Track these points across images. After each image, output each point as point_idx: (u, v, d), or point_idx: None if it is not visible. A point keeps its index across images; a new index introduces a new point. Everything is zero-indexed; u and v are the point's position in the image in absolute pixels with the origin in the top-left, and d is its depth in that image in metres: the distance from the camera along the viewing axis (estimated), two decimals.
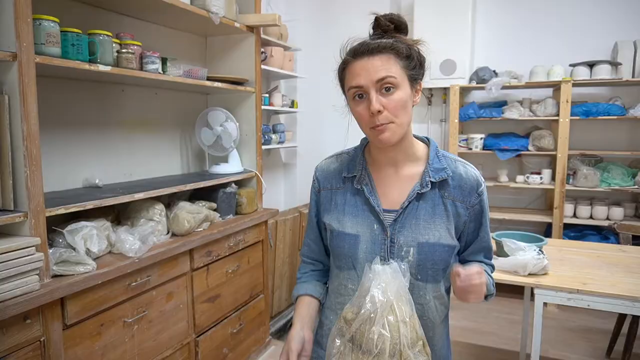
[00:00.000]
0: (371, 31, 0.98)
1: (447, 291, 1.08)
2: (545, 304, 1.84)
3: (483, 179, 1.05)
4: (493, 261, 1.16)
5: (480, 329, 3.01)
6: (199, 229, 2.15)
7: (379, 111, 0.91)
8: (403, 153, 1.02)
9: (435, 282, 1.00)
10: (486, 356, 2.72)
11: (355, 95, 0.94)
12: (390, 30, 0.95)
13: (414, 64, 0.95)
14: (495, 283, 1.14)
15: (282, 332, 3.21)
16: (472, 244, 1.07)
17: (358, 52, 0.93)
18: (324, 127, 3.98)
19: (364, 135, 1.11)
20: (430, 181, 1.00)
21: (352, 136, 1.34)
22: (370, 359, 0.86)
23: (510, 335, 2.93)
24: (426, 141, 1.07)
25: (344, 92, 1.00)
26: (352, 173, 1.06)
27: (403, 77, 0.93)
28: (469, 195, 1.01)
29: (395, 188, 1.02)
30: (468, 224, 1.02)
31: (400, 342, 0.86)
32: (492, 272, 1.13)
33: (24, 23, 1.34)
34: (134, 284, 1.72)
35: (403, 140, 0.99)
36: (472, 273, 0.91)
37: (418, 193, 0.99)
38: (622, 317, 2.56)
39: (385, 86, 0.91)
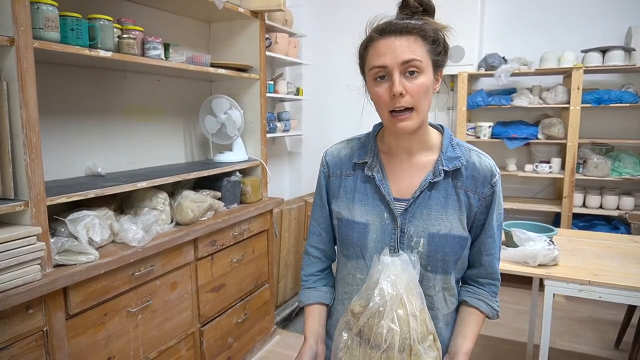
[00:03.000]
0: (397, 11, 0.94)
1: (457, 282, 1.05)
2: (554, 294, 1.80)
3: (498, 170, 1.00)
4: (501, 252, 1.10)
5: (487, 319, 2.98)
6: (203, 218, 2.12)
7: (401, 94, 0.87)
8: (417, 141, 0.98)
9: (445, 274, 0.97)
10: (493, 347, 2.69)
11: (377, 77, 0.90)
12: (418, 12, 0.91)
13: (440, 50, 0.92)
14: (504, 273, 1.10)
15: (288, 322, 3.20)
16: (477, 238, 1.02)
17: (385, 30, 0.89)
18: (329, 115, 3.93)
19: (374, 123, 1.07)
20: (444, 170, 0.96)
21: (365, 123, 1.29)
22: (379, 353, 0.83)
23: (517, 326, 2.91)
24: (440, 129, 1.03)
25: (362, 72, 0.97)
26: (363, 159, 1.02)
27: (428, 61, 0.89)
28: (482, 186, 0.97)
29: (407, 176, 0.99)
30: (478, 215, 0.99)
31: (410, 336, 0.83)
32: (497, 292, 1.07)
33: (21, 6, 1.30)
34: (137, 273, 1.70)
35: (419, 128, 0.95)
36: None
37: (430, 182, 0.96)
38: (631, 308, 2.52)
39: (410, 69, 0.88)
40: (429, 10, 0.93)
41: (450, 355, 0.98)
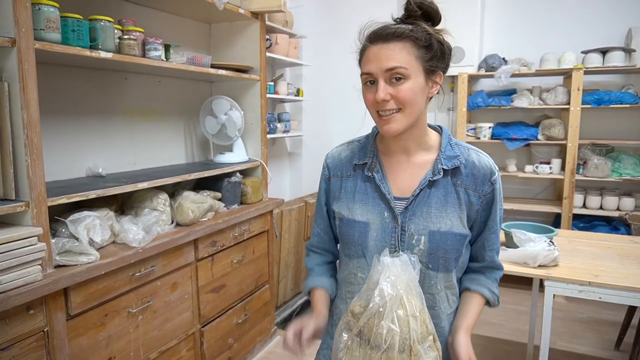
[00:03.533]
0: (397, 15, 0.95)
1: (459, 281, 1.06)
2: (554, 295, 1.80)
3: (497, 168, 1.02)
4: (501, 252, 1.13)
5: (487, 320, 2.99)
6: (204, 219, 2.13)
7: (385, 100, 0.90)
8: (415, 141, 1.00)
9: (446, 272, 0.98)
10: (493, 347, 2.70)
11: (367, 82, 0.94)
12: (416, 16, 0.92)
13: (432, 55, 0.92)
14: (504, 274, 1.12)
15: (288, 322, 3.20)
16: (480, 234, 1.04)
17: (373, 37, 0.91)
18: (329, 116, 3.93)
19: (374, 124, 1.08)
20: (443, 168, 0.97)
21: (366, 124, 1.30)
22: (379, 354, 0.83)
23: (517, 327, 2.91)
24: (439, 130, 1.05)
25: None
26: (363, 160, 1.04)
27: (416, 67, 0.90)
28: (482, 183, 0.99)
29: (406, 176, 1.00)
30: (480, 213, 1.00)
31: (410, 337, 0.83)
32: (499, 278, 1.09)
33: (22, 7, 1.31)
34: (138, 274, 1.70)
35: (414, 128, 0.97)
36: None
37: (430, 180, 0.97)
38: (632, 309, 2.52)
39: (395, 76, 0.90)
40: (430, 14, 0.93)
41: (452, 332, 0.99)
